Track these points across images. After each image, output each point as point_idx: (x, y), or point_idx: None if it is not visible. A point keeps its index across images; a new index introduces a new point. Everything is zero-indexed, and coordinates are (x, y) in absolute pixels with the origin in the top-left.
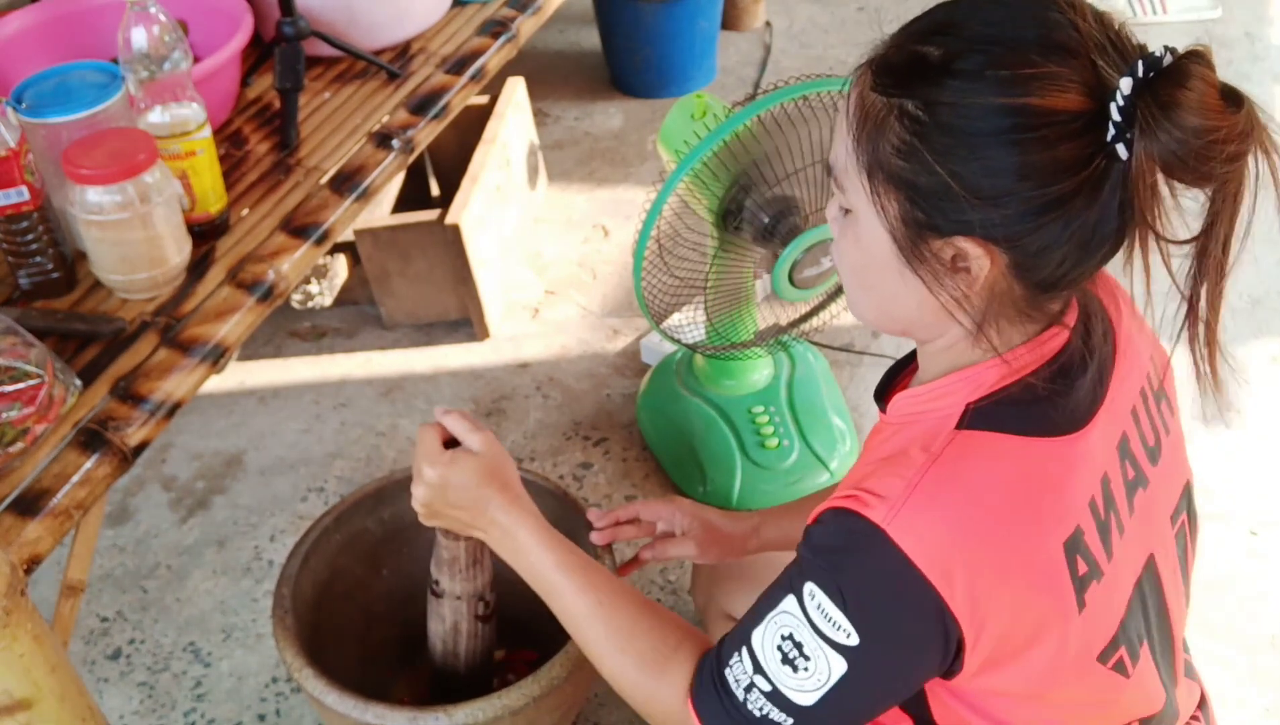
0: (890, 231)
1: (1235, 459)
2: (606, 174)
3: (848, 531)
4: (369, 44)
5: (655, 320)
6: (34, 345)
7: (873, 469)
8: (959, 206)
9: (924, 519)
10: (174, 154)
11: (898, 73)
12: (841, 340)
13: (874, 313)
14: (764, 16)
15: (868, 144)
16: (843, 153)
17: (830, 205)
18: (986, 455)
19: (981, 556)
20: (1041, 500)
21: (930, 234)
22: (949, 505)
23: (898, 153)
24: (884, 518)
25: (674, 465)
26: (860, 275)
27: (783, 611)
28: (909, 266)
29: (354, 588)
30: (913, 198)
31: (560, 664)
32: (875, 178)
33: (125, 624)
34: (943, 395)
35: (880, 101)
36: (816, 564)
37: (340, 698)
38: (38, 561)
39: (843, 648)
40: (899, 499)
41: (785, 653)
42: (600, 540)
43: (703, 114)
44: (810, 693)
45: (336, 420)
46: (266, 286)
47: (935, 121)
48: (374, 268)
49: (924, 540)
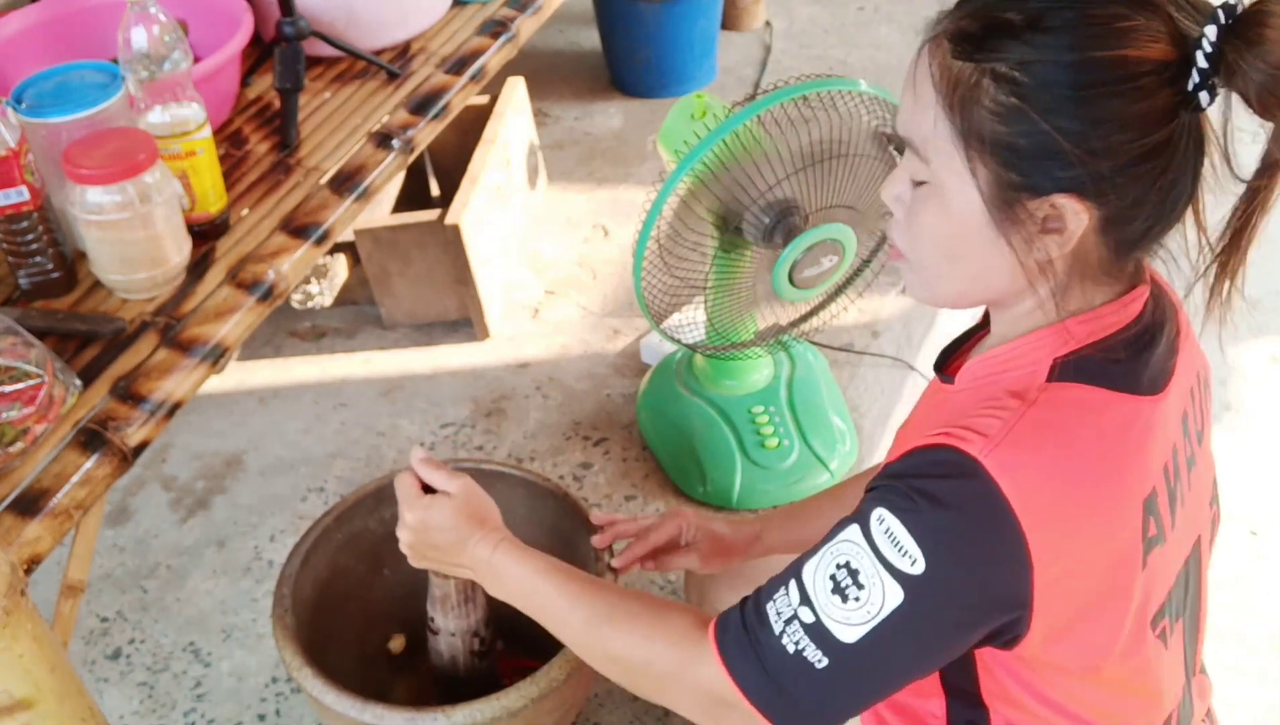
0: (984, 196)
1: (1235, 459)
2: (606, 174)
3: (939, 461)
4: (369, 44)
5: (655, 320)
6: (34, 345)
7: (951, 420)
8: (1061, 163)
9: (1021, 457)
10: (174, 154)
11: (982, 37)
12: (841, 340)
13: (959, 286)
14: (764, 16)
15: (960, 110)
16: (924, 125)
17: (891, 185)
18: (1080, 406)
19: (1072, 501)
20: (1129, 455)
21: (1026, 195)
22: (1045, 448)
23: (995, 116)
24: (981, 451)
25: (674, 465)
26: (947, 246)
27: (843, 540)
28: (1001, 231)
29: (354, 587)
30: (1009, 160)
31: (559, 665)
32: (970, 143)
33: (125, 624)
34: (1028, 351)
35: (968, 68)
36: (894, 488)
37: (339, 698)
38: (38, 561)
39: (904, 575)
40: (997, 436)
41: (838, 581)
42: (601, 543)
43: (703, 114)
44: (857, 626)
45: (336, 420)
46: (266, 286)
47: (1036, 80)
48: (374, 268)
49: (1019, 477)
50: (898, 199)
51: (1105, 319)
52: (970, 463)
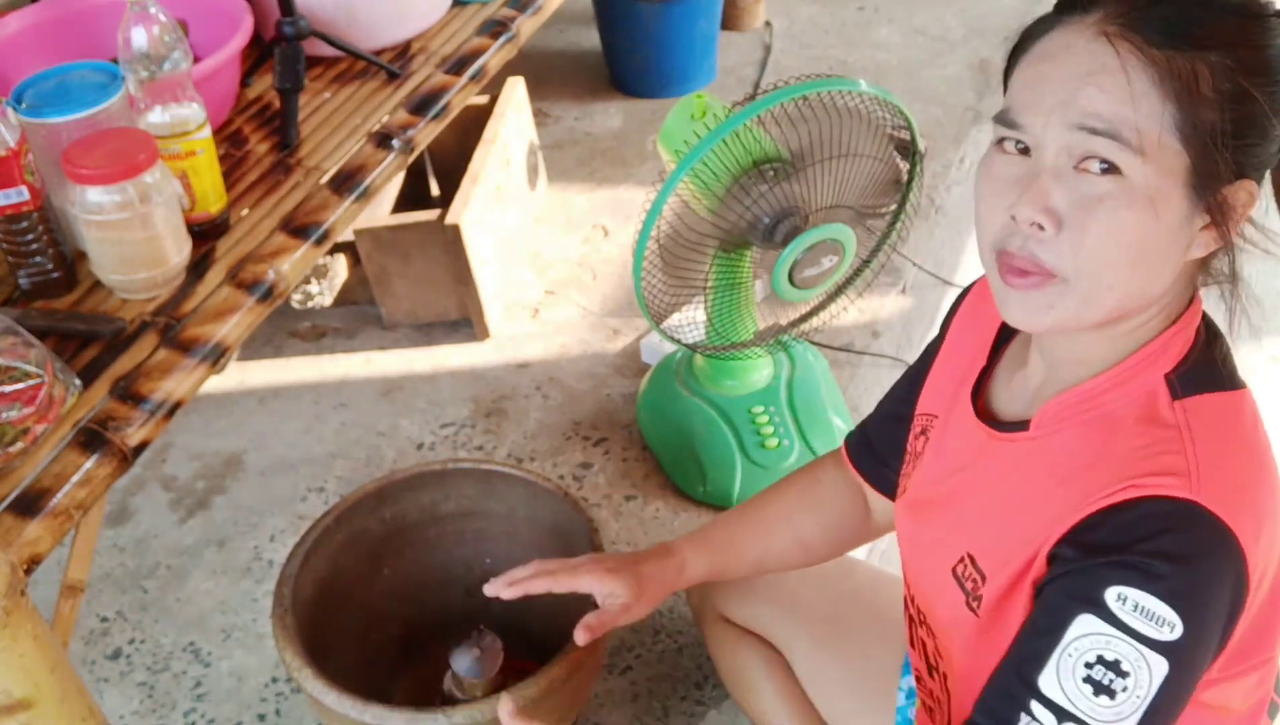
0: (1190, 185)
1: None
2: (606, 174)
3: (1156, 515)
4: (369, 44)
5: (655, 320)
6: (34, 345)
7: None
8: (1264, 145)
9: (1220, 483)
10: (174, 154)
11: (1190, 24)
12: (841, 340)
13: (1125, 297)
14: (764, 16)
15: (1177, 100)
16: (1140, 117)
17: (1040, 197)
18: (1222, 416)
19: (1266, 510)
20: (1269, 446)
21: (1220, 184)
22: (1231, 467)
23: (1212, 103)
24: (1191, 491)
25: (674, 465)
26: (1137, 249)
27: (1078, 637)
28: (1197, 222)
29: (354, 587)
30: (1217, 146)
31: (559, 666)
32: (1184, 131)
33: (125, 624)
34: (1133, 374)
35: (1177, 57)
36: (1117, 564)
37: (340, 698)
38: (38, 561)
39: (1165, 645)
40: (1191, 471)
41: (1098, 680)
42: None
43: (703, 114)
44: (1129, 717)
45: (336, 420)
46: (266, 286)
47: (1249, 63)
48: (374, 268)
49: (1229, 503)
50: (1047, 211)
51: (1190, 322)
52: (1190, 507)
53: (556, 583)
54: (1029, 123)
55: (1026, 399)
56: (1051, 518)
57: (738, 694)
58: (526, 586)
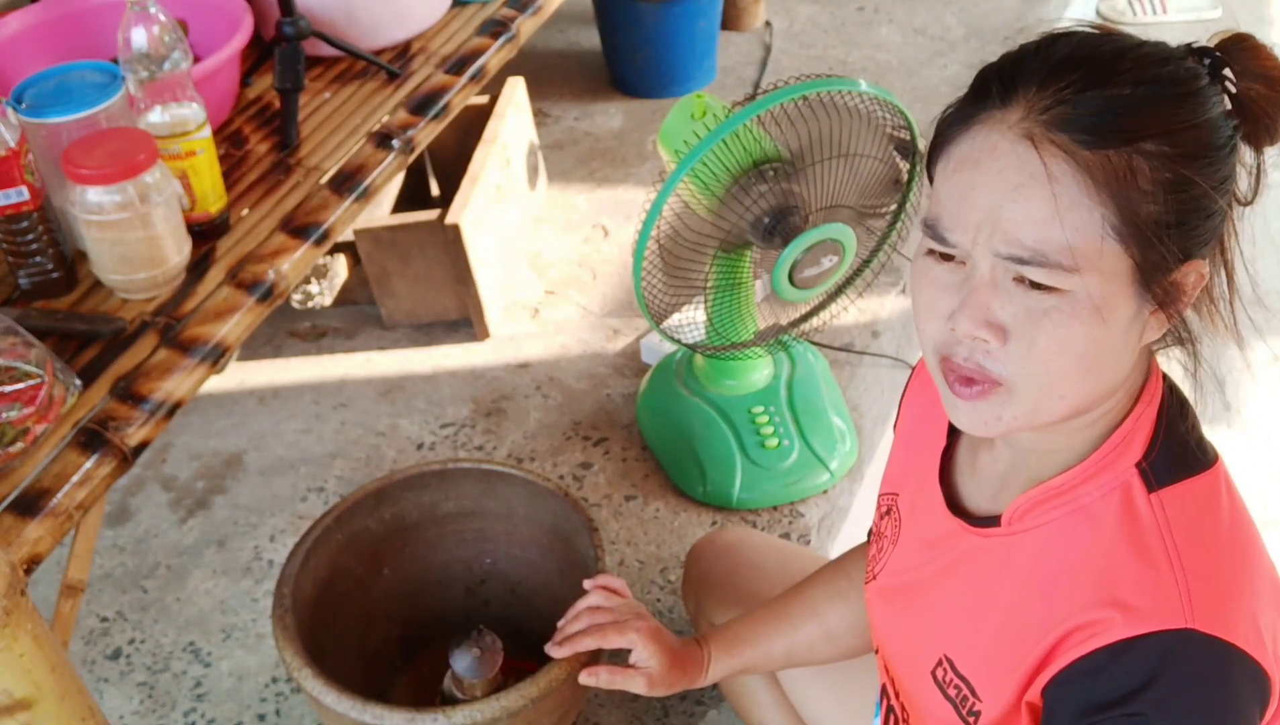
0: (1137, 282)
1: (1235, 459)
2: (606, 174)
3: (1149, 655)
4: (369, 44)
5: (655, 320)
6: (34, 345)
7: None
8: (1207, 223)
9: (1212, 594)
10: (174, 154)
11: (1111, 120)
12: (841, 340)
13: (1079, 399)
14: (764, 16)
15: (1115, 202)
16: (1069, 230)
17: (980, 312)
18: (1199, 506)
19: (1262, 599)
20: (1249, 519)
21: (1168, 273)
22: (1216, 567)
23: (1152, 196)
24: (1182, 616)
25: (674, 465)
26: (1089, 357)
27: None
28: (1147, 310)
29: (354, 587)
30: (1159, 236)
31: (559, 666)
32: (1123, 233)
33: (125, 624)
34: (1102, 470)
35: (1111, 156)
36: (1138, 718)
37: (339, 698)
38: (38, 561)
39: None
40: (1177, 589)
41: None
42: (559, 654)
43: (703, 114)
44: None
45: (336, 420)
46: (266, 286)
47: (1186, 146)
48: (374, 268)
49: (1225, 614)
50: (989, 324)
51: (1153, 395)
52: (1185, 638)
53: (606, 640)
54: (958, 241)
55: (995, 487)
56: (1038, 631)
57: (735, 702)
58: (576, 645)
